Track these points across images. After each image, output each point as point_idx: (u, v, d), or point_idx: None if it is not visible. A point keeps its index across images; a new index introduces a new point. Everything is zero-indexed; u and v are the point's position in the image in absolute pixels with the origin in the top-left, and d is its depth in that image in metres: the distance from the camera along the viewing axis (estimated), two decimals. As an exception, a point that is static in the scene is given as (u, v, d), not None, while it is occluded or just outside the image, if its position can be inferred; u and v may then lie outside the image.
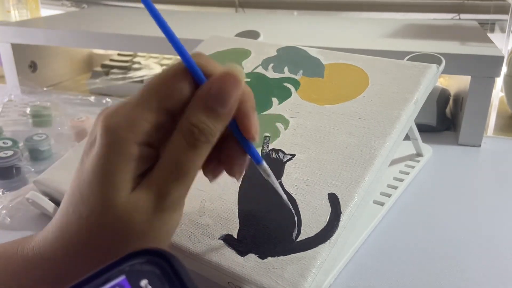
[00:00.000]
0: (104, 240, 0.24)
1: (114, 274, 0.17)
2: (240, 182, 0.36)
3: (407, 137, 0.45)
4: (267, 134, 0.39)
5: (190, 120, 0.23)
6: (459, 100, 0.61)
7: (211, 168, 0.27)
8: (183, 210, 0.26)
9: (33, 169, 0.49)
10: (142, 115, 0.23)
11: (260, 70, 0.47)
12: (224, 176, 0.37)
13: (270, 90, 0.44)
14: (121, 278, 0.17)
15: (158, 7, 1.13)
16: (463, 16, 0.93)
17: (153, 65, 0.80)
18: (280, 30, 0.72)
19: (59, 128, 0.59)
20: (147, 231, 0.24)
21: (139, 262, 0.17)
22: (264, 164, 0.28)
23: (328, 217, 0.32)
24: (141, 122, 0.23)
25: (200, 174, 0.38)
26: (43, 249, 0.25)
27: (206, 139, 0.24)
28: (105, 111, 0.24)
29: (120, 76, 0.78)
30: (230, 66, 0.24)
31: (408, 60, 0.46)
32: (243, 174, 0.28)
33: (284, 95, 0.43)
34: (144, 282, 0.17)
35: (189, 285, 0.17)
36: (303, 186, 0.35)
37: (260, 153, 0.38)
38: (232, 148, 0.26)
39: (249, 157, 0.27)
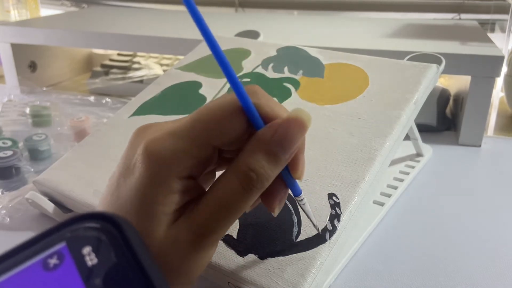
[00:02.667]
0: None
1: (53, 240, 0.15)
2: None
3: (407, 137, 0.45)
4: (267, 134, 0.39)
5: (249, 164, 0.22)
6: (459, 100, 0.61)
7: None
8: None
9: (32, 169, 0.49)
10: (189, 150, 0.22)
11: (260, 70, 0.47)
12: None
13: (270, 90, 0.44)
14: (61, 245, 0.15)
15: (158, 7, 1.13)
16: (463, 16, 0.93)
17: (153, 65, 0.80)
18: (280, 30, 0.72)
19: (58, 128, 0.59)
20: (180, 266, 0.23)
21: (83, 228, 0.15)
22: (302, 195, 0.27)
23: (328, 217, 0.32)
24: (187, 157, 0.22)
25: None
26: None
27: (261, 185, 0.23)
28: (147, 135, 0.23)
29: (120, 76, 0.78)
30: (299, 112, 0.23)
31: (408, 60, 0.46)
32: (281, 208, 0.27)
33: (284, 95, 0.43)
34: (87, 250, 0.15)
35: (139, 252, 0.15)
36: (303, 186, 0.34)
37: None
38: (274, 183, 0.25)
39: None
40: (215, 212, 0.22)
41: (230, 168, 0.23)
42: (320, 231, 0.31)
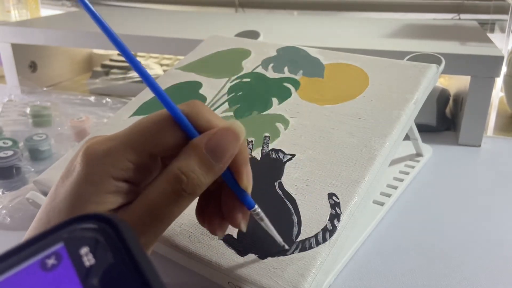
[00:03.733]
0: None
1: (50, 241, 0.15)
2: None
3: (407, 137, 0.45)
4: (267, 134, 0.39)
5: (181, 167, 0.22)
6: (459, 100, 0.61)
7: (217, 225, 0.27)
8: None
9: (33, 169, 0.49)
10: (124, 152, 0.23)
11: (260, 70, 0.47)
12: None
13: (270, 90, 0.44)
14: (58, 246, 0.15)
15: (159, 7, 1.13)
16: (463, 16, 0.93)
17: (153, 65, 0.80)
18: (280, 30, 0.72)
19: (59, 128, 0.59)
20: None
21: (81, 228, 0.15)
22: (257, 208, 0.27)
23: (328, 217, 0.32)
24: (122, 159, 0.23)
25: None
26: None
27: (192, 190, 0.23)
28: (90, 141, 0.23)
29: (120, 76, 0.78)
30: (232, 123, 0.24)
31: (408, 60, 0.46)
32: (247, 222, 0.27)
33: (284, 95, 0.43)
34: (84, 250, 0.15)
35: (136, 253, 0.15)
36: (303, 186, 0.34)
37: (260, 153, 0.38)
38: (230, 202, 0.26)
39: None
40: (144, 214, 0.22)
41: (163, 172, 0.23)
42: (284, 245, 0.30)
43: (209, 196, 0.27)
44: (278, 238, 0.30)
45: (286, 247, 0.31)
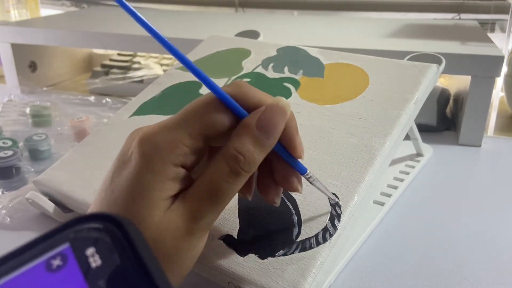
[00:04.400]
0: None
1: (56, 241, 0.15)
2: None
3: (407, 137, 0.45)
4: (267, 134, 0.39)
5: (237, 147, 0.24)
6: (459, 100, 0.61)
7: (273, 192, 0.28)
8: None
9: (32, 169, 0.49)
10: (182, 138, 0.24)
11: (260, 70, 0.47)
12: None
13: (270, 90, 0.44)
14: (64, 246, 0.15)
15: (159, 7, 1.13)
16: (463, 16, 0.93)
17: (153, 65, 0.80)
18: (280, 30, 0.72)
19: (58, 128, 0.59)
20: (174, 253, 0.24)
21: (87, 228, 0.15)
22: (309, 172, 0.29)
23: (328, 217, 0.32)
24: (180, 145, 0.24)
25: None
26: None
27: (248, 168, 0.24)
28: (141, 131, 0.24)
29: (120, 76, 0.78)
30: (279, 99, 0.25)
31: (408, 60, 0.46)
32: (302, 185, 0.29)
33: (284, 95, 0.43)
34: (90, 251, 0.14)
35: (144, 254, 0.14)
36: (303, 185, 0.34)
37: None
38: (283, 170, 0.27)
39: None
40: (206, 196, 0.24)
41: (219, 154, 0.24)
42: (335, 202, 0.32)
43: (261, 167, 0.27)
44: (331, 195, 0.31)
45: (338, 201, 0.32)
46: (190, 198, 0.24)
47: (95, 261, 0.14)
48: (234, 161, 0.24)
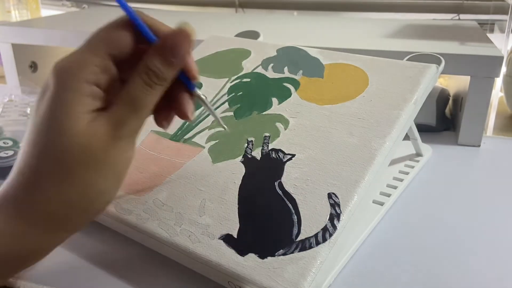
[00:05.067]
0: (63, 166, 0.26)
1: None
2: (240, 182, 0.36)
3: (406, 137, 0.45)
4: (267, 134, 0.40)
5: (147, 64, 0.27)
6: (458, 100, 0.61)
7: (164, 116, 0.31)
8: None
9: (33, 169, 0.49)
10: (90, 58, 0.26)
11: (260, 70, 0.47)
12: (224, 177, 0.37)
13: (270, 90, 0.44)
14: None
15: (159, 7, 1.13)
16: (462, 16, 0.93)
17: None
18: (280, 30, 0.72)
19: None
20: (104, 158, 0.26)
21: None
22: (197, 90, 0.31)
23: (328, 217, 0.32)
24: (89, 64, 0.26)
25: (201, 174, 0.38)
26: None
27: (159, 82, 0.27)
28: (57, 63, 0.27)
29: (120, 76, 0.78)
30: (184, 24, 0.28)
31: (408, 60, 0.46)
32: (194, 113, 0.32)
33: (284, 95, 0.43)
34: None
35: None
36: (303, 186, 0.35)
37: (260, 153, 0.38)
38: (179, 95, 0.30)
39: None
40: (127, 105, 0.27)
41: (134, 71, 0.27)
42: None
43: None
44: (220, 119, 0.33)
45: (226, 129, 0.35)
46: (113, 109, 0.27)
47: None
48: (146, 75, 0.27)
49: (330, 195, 0.33)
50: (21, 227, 0.26)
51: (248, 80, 0.46)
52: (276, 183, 0.35)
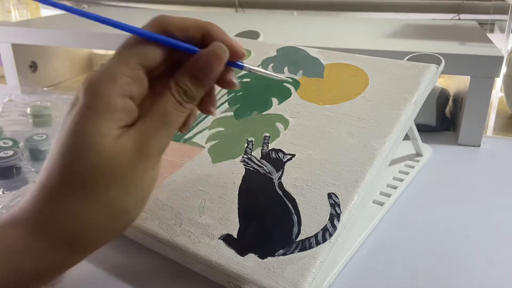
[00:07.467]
0: (87, 183, 0.25)
1: None
2: (240, 182, 0.36)
3: (407, 137, 0.45)
4: (267, 134, 0.40)
5: (177, 82, 0.27)
6: (458, 100, 0.61)
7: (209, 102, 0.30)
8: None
9: (33, 169, 0.49)
10: (121, 69, 0.25)
11: (260, 70, 0.47)
12: (224, 177, 0.37)
13: (270, 90, 0.44)
14: None
15: (159, 7, 1.13)
16: (462, 16, 0.93)
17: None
18: (280, 30, 0.72)
19: (59, 128, 0.59)
20: (130, 175, 0.25)
21: None
22: (246, 64, 0.30)
23: (328, 217, 0.32)
24: (120, 75, 0.25)
25: (201, 174, 0.38)
26: (20, 211, 0.26)
27: (190, 100, 0.27)
28: (87, 76, 0.26)
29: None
30: (216, 45, 0.27)
31: (407, 60, 0.46)
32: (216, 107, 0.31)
33: (284, 95, 0.43)
34: None
35: None
36: (303, 186, 0.35)
37: (260, 153, 0.38)
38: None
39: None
40: (156, 121, 0.26)
41: (165, 89, 0.27)
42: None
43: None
44: (276, 75, 0.32)
45: (282, 77, 0.34)
46: (142, 124, 0.26)
47: None
48: (177, 93, 0.26)
49: (330, 195, 0.33)
50: (38, 244, 0.25)
51: (248, 80, 0.46)
52: (276, 183, 0.35)
